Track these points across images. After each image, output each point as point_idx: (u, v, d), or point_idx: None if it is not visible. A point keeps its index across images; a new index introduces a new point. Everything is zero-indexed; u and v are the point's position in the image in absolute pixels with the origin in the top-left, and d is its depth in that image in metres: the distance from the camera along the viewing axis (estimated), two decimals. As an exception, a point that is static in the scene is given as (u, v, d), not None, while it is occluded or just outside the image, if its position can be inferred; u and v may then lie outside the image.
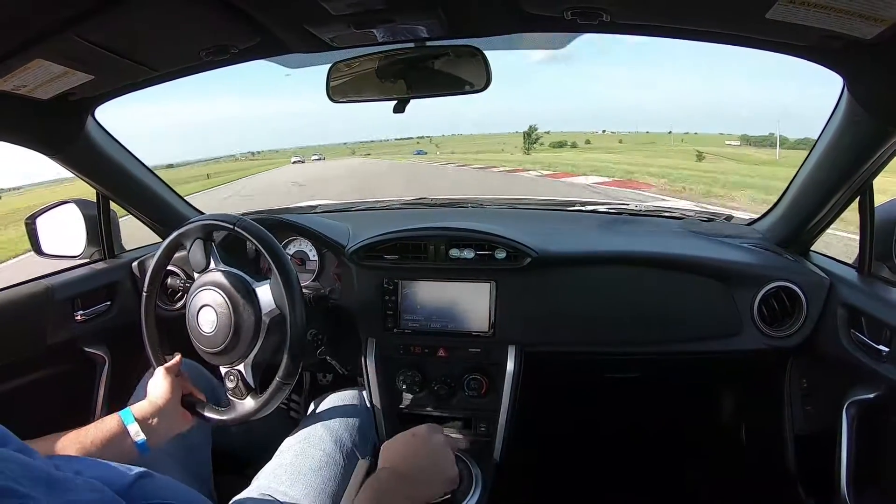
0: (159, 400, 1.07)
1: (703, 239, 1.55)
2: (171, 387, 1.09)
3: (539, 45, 1.21)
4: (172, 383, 1.09)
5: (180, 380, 1.13)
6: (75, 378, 1.54)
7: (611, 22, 0.97)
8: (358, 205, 2.12)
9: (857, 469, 1.16)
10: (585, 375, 1.74)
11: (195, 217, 1.23)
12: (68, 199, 1.59)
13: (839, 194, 1.24)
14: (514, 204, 2.05)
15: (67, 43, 0.92)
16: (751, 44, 1.01)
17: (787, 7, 0.79)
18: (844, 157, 1.17)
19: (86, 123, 1.36)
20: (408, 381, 1.44)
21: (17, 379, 1.37)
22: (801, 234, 1.41)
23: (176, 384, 1.10)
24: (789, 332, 1.32)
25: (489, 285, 1.39)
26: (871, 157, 1.11)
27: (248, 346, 1.11)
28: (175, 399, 1.09)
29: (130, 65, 1.11)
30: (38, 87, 1.08)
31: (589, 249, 1.44)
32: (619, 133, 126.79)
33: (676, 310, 1.37)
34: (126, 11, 0.86)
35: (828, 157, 1.21)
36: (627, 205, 1.92)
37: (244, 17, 0.96)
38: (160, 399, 1.07)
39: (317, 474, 1.12)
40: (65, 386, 1.51)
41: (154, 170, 1.64)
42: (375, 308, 1.44)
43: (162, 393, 1.08)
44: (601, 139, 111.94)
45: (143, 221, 1.68)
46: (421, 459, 0.92)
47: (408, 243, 1.42)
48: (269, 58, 1.20)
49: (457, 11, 0.99)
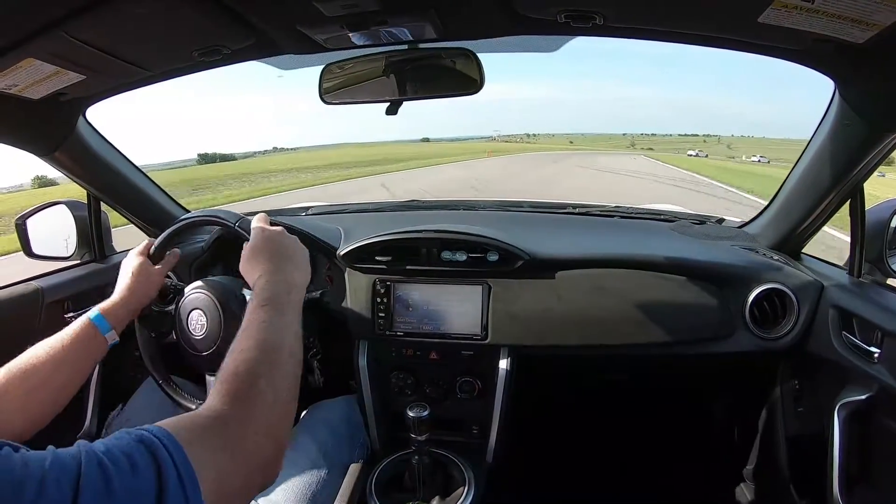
0: (126, 290, 1.07)
1: (695, 241, 1.56)
2: (141, 271, 1.10)
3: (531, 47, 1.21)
4: (142, 268, 1.11)
5: (158, 269, 1.14)
6: None
7: (604, 25, 0.97)
8: (350, 206, 2.11)
9: (848, 470, 1.17)
10: (578, 378, 1.75)
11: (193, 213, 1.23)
12: (59, 199, 1.57)
13: (830, 197, 1.25)
14: (507, 206, 2.04)
15: (59, 41, 0.91)
16: (743, 48, 1.01)
17: (779, 11, 0.79)
18: (836, 159, 1.17)
19: (77, 124, 1.35)
20: (400, 383, 1.44)
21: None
22: (792, 236, 1.42)
23: (146, 269, 1.12)
24: (781, 335, 1.33)
25: (481, 288, 1.39)
26: (863, 160, 1.12)
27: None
28: (145, 286, 1.10)
29: (122, 64, 1.10)
30: (30, 86, 1.08)
31: (581, 252, 1.45)
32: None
33: (668, 312, 1.37)
34: (117, 10, 0.85)
35: (819, 160, 1.22)
36: (619, 207, 1.92)
37: (237, 17, 0.96)
38: (127, 289, 1.07)
39: (300, 480, 1.13)
40: None
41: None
42: (367, 310, 1.44)
43: (130, 280, 1.08)
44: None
45: (133, 222, 1.67)
46: (273, 251, 0.94)
47: (400, 246, 1.42)
48: (261, 59, 1.19)
49: (450, 14, 0.98)
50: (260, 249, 0.93)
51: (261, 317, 0.77)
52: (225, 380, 0.66)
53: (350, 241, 1.46)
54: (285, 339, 0.76)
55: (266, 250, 0.93)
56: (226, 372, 0.67)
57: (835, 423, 1.17)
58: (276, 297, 0.83)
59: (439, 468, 1.28)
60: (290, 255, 0.95)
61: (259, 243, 0.94)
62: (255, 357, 0.70)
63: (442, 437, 1.32)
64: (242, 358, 0.69)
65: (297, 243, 0.99)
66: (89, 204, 1.56)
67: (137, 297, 1.08)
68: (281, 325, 0.78)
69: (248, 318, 0.78)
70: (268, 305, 0.80)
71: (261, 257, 0.92)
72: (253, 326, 0.75)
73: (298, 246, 0.99)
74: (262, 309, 0.79)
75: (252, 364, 0.69)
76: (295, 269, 0.93)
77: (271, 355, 0.72)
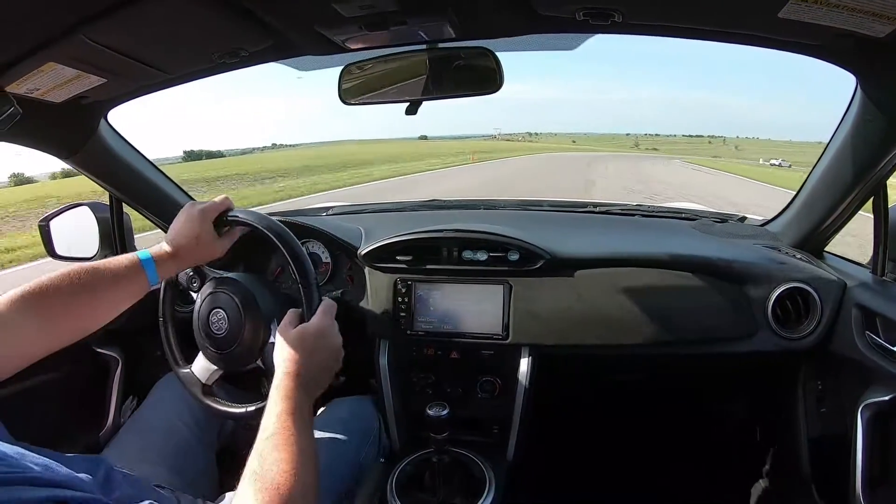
0: (183, 249, 1.05)
1: (716, 240, 1.55)
2: (204, 234, 1.07)
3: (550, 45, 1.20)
4: (207, 232, 1.07)
5: (221, 240, 1.11)
6: (88, 379, 1.54)
7: (623, 22, 0.97)
8: (370, 206, 2.12)
9: (871, 472, 1.15)
10: (597, 377, 1.74)
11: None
12: (82, 201, 1.60)
13: (853, 194, 1.23)
14: (527, 205, 2.04)
15: (79, 46, 0.92)
16: (763, 43, 1.00)
17: (799, 6, 0.79)
18: (858, 156, 1.16)
19: (99, 127, 1.37)
20: (421, 382, 1.45)
21: (29, 378, 1.38)
22: (814, 234, 1.40)
23: (210, 234, 1.08)
24: (803, 334, 1.31)
25: (502, 287, 1.39)
26: (885, 157, 1.11)
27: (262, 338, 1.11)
28: (203, 250, 1.08)
29: (142, 67, 1.11)
30: (51, 90, 1.09)
31: (602, 251, 1.44)
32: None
33: (690, 311, 1.36)
34: (136, 14, 0.86)
35: (841, 157, 1.21)
36: (640, 206, 1.91)
37: (256, 19, 0.97)
38: (185, 248, 1.05)
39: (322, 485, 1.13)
40: (78, 387, 1.52)
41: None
42: (388, 310, 1.44)
43: (190, 241, 1.06)
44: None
45: (155, 223, 1.68)
46: (313, 359, 0.94)
47: (421, 245, 1.42)
48: (281, 60, 1.20)
49: (468, 13, 0.99)
50: (312, 344, 0.96)
51: (290, 428, 0.81)
52: (265, 489, 0.71)
53: (371, 241, 1.46)
54: (312, 442, 0.83)
55: (318, 348, 0.96)
56: (267, 482, 0.72)
57: (858, 423, 1.16)
58: (302, 407, 0.86)
59: (459, 467, 1.28)
60: (332, 365, 0.98)
61: (315, 338, 0.97)
62: (291, 469, 0.74)
63: (461, 437, 1.32)
64: (280, 469, 0.74)
65: (340, 350, 1.02)
66: (111, 205, 1.58)
67: (192, 258, 1.09)
68: (308, 432, 0.84)
69: (278, 424, 0.81)
70: (296, 414, 0.84)
71: (309, 353, 0.94)
72: (284, 435, 0.79)
73: (339, 349, 1.02)
74: (292, 418, 0.83)
75: (290, 476, 0.73)
76: (327, 377, 0.97)
77: (306, 464, 0.77)
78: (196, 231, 1.06)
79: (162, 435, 1.18)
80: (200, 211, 1.07)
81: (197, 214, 1.06)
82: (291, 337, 0.95)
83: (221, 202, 1.09)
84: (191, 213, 1.07)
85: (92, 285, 0.93)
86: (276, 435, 0.79)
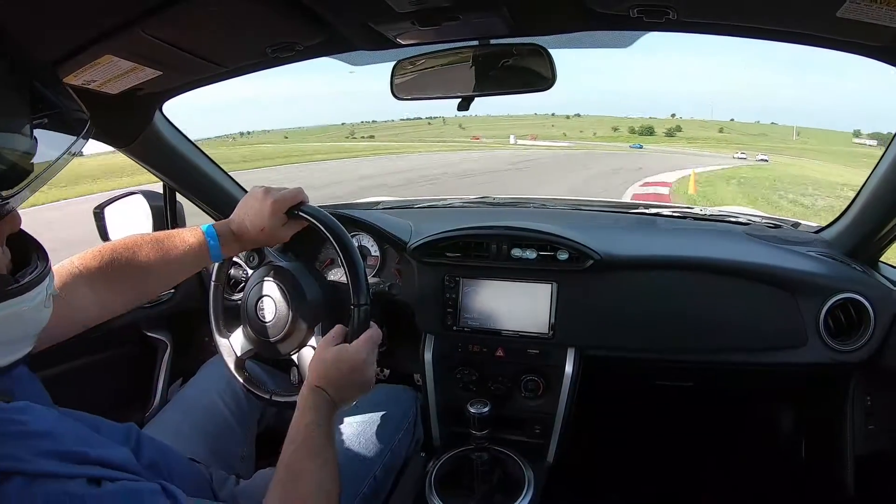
0: (250, 231, 1.08)
1: (769, 246, 1.50)
2: (275, 217, 1.07)
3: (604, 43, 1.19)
4: (277, 216, 1.07)
5: (286, 227, 1.11)
6: (137, 362, 1.60)
7: (677, 20, 0.95)
8: (420, 202, 2.13)
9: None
10: (642, 381, 1.71)
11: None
12: (136, 189, 1.64)
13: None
14: (578, 205, 2.02)
15: (135, 39, 0.95)
16: (820, 43, 0.98)
17: (858, 5, 0.77)
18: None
19: (153, 118, 1.41)
20: (465, 379, 1.44)
21: (79, 358, 1.43)
22: (870, 244, 1.35)
23: (279, 220, 1.08)
24: (855, 347, 1.26)
25: (550, 286, 1.37)
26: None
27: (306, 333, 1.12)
28: (267, 235, 1.09)
29: (197, 61, 1.14)
30: (108, 82, 1.13)
31: (652, 254, 1.41)
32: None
33: (739, 318, 1.33)
34: (191, 8, 0.89)
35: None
36: (691, 209, 1.88)
37: (309, 14, 0.98)
38: (252, 230, 1.08)
39: (351, 464, 1.14)
40: (126, 369, 1.57)
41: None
42: (435, 305, 1.44)
43: (258, 227, 1.07)
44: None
45: (206, 212, 1.72)
46: (343, 382, 0.96)
47: (470, 241, 1.42)
48: (333, 55, 1.22)
49: (521, 9, 0.98)
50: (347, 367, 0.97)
51: (315, 439, 0.88)
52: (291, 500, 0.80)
53: (420, 236, 1.46)
54: (334, 452, 0.89)
55: (352, 373, 0.97)
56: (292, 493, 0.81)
57: None
58: (328, 419, 0.92)
59: (498, 466, 1.28)
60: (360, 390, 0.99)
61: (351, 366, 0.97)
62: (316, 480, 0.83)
63: (502, 435, 1.32)
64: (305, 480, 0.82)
65: (372, 380, 1.02)
66: (165, 194, 1.62)
67: (256, 243, 1.14)
68: (332, 443, 0.90)
69: (305, 434, 0.87)
70: (321, 425, 0.89)
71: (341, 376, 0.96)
72: (309, 445, 0.86)
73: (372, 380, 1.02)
74: (318, 430, 0.89)
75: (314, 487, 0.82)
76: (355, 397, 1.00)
77: (330, 474, 0.85)
78: (265, 219, 1.07)
79: (202, 413, 1.20)
80: (274, 202, 1.06)
81: (270, 205, 1.06)
82: (331, 355, 0.97)
83: (296, 195, 1.09)
84: (264, 201, 1.07)
85: (165, 250, 1.02)
86: (303, 446, 0.85)
